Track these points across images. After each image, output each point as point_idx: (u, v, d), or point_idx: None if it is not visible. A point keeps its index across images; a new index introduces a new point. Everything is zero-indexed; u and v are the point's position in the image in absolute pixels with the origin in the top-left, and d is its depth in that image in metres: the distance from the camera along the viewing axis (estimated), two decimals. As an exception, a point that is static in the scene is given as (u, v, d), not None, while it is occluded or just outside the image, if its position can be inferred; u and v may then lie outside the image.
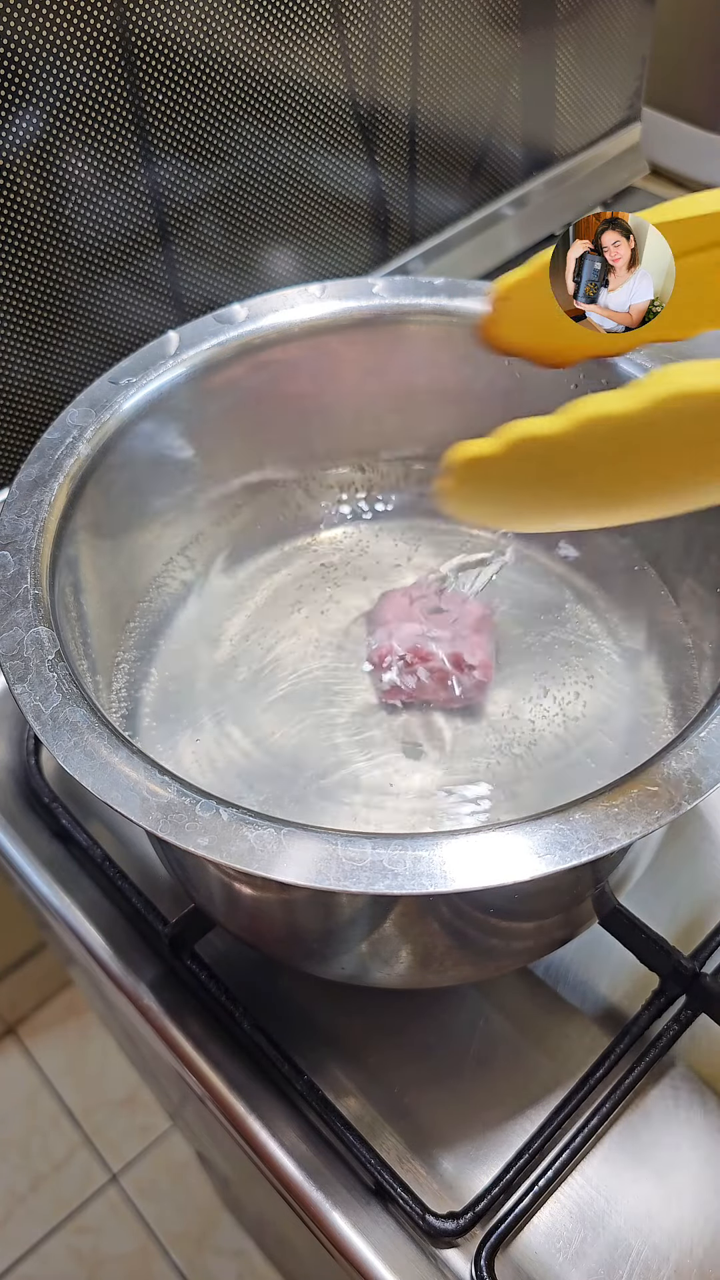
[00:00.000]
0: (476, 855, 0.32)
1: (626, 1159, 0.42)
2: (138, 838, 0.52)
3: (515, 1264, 0.40)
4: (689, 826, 0.51)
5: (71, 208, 0.55)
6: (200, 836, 0.32)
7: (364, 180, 0.68)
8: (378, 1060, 0.45)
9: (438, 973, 0.43)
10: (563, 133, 0.81)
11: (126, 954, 0.48)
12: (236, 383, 0.51)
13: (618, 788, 0.34)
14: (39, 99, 0.51)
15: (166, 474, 0.51)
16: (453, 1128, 0.43)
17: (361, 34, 0.62)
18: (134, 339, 0.62)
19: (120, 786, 0.34)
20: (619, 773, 0.35)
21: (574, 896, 0.42)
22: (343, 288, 0.51)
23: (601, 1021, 0.46)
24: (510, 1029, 0.46)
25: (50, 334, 0.59)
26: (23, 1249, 1.11)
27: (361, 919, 0.39)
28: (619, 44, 0.79)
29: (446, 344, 0.52)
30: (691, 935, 0.47)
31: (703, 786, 0.34)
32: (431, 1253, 0.40)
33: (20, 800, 0.53)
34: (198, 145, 0.59)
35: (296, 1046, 0.44)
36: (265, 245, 0.66)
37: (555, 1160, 0.41)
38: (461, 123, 0.72)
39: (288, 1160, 0.42)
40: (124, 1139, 1.17)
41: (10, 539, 0.41)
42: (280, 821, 0.33)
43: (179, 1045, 0.45)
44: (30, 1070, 1.22)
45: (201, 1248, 1.10)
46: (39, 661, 0.37)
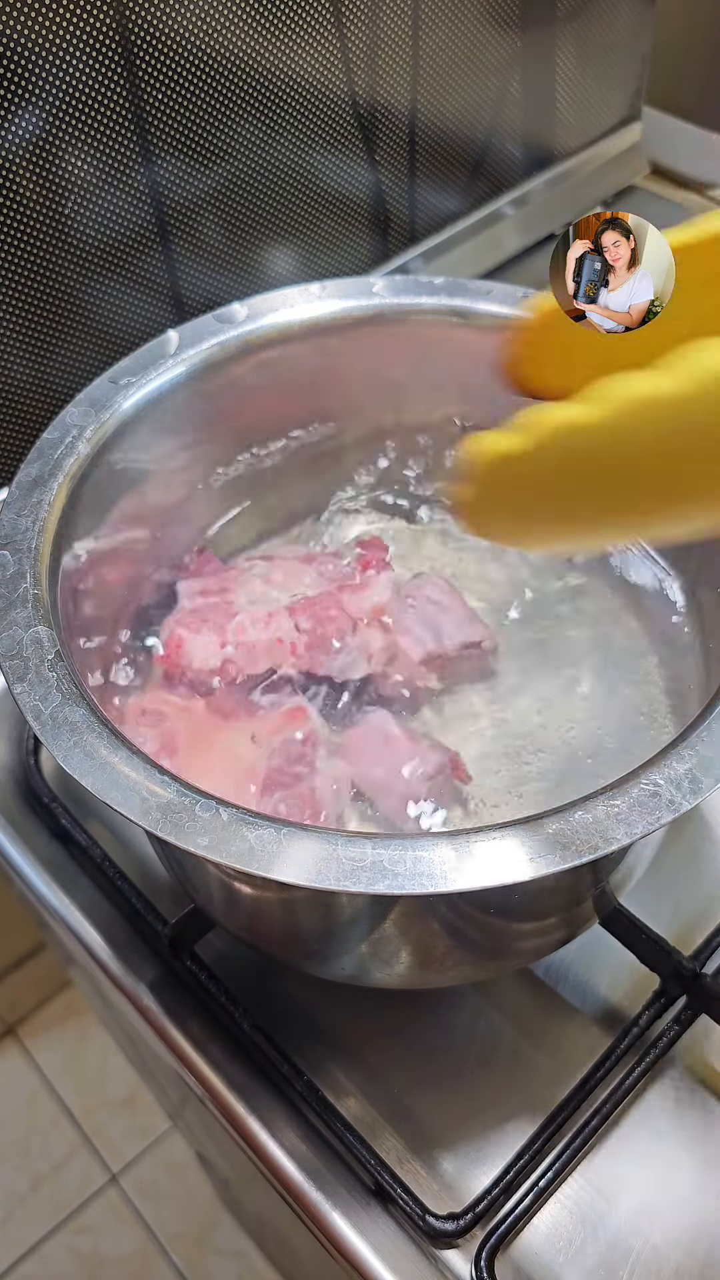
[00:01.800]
0: (476, 855, 0.32)
1: (627, 1159, 0.42)
2: (137, 838, 0.52)
3: (515, 1264, 0.40)
4: (689, 826, 0.51)
5: (71, 207, 0.55)
6: (200, 836, 0.32)
7: (364, 179, 0.68)
8: (378, 1060, 0.45)
9: (438, 973, 0.43)
10: (563, 132, 0.81)
11: (126, 954, 0.48)
12: (236, 382, 0.51)
13: (618, 788, 0.34)
14: (39, 98, 0.51)
15: (163, 474, 0.51)
16: (453, 1128, 0.43)
17: (361, 33, 0.62)
18: (133, 339, 0.62)
19: (120, 786, 0.34)
20: (619, 773, 0.35)
21: (574, 897, 0.42)
22: (343, 287, 0.51)
23: (602, 1022, 0.45)
24: (510, 1029, 0.46)
25: (49, 334, 0.58)
26: (23, 1249, 1.11)
27: (361, 919, 0.39)
28: (619, 43, 0.79)
29: (448, 344, 0.52)
30: (692, 935, 0.47)
31: (703, 786, 0.33)
32: (431, 1253, 0.40)
33: (20, 800, 0.53)
34: (197, 144, 0.59)
35: (296, 1047, 0.44)
36: (265, 245, 0.66)
37: (555, 1161, 0.41)
38: (461, 122, 0.72)
39: (288, 1160, 0.42)
40: (124, 1139, 1.17)
41: (10, 538, 0.41)
42: (280, 821, 0.33)
43: (179, 1046, 0.45)
44: (30, 1070, 1.22)
45: (201, 1248, 1.10)
46: (38, 661, 0.37)
